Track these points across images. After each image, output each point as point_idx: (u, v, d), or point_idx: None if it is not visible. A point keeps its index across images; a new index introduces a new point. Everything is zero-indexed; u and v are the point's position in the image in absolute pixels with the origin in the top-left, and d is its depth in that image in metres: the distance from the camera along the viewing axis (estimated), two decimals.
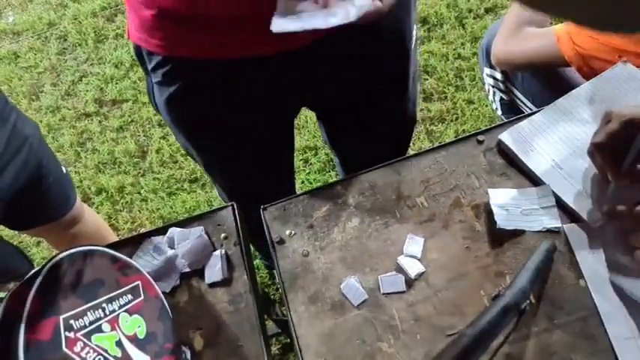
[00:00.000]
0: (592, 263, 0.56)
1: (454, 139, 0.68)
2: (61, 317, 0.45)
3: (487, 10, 1.80)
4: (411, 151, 1.52)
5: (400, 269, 0.59)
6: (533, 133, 0.66)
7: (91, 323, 0.47)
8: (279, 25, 0.45)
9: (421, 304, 0.57)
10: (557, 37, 0.85)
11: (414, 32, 0.75)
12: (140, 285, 0.54)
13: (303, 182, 1.53)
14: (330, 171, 1.54)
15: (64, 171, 0.96)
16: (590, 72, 0.79)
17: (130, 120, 1.76)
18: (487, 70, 1.05)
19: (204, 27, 0.57)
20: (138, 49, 0.66)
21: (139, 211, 1.56)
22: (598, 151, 0.57)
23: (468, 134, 0.68)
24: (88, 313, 0.48)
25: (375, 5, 0.48)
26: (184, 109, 0.69)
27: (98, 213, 1.56)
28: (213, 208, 0.66)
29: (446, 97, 1.62)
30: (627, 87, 0.68)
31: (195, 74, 0.65)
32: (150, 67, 0.66)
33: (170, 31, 0.60)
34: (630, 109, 0.56)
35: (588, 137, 0.61)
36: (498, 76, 1.03)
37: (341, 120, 0.85)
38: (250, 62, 0.61)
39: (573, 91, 0.69)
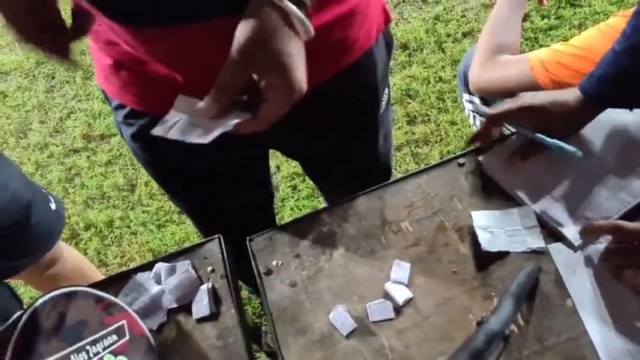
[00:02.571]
0: (578, 282, 0.57)
1: (435, 163, 0.69)
2: None
3: (465, 34, 1.85)
4: (397, 174, 1.54)
5: (388, 296, 0.59)
6: (513, 155, 0.67)
7: None
8: (160, 132, 0.46)
9: (410, 331, 0.57)
10: (530, 65, 0.87)
11: (384, 97, 0.74)
12: (125, 324, 0.53)
13: (292, 209, 1.53)
14: (318, 197, 1.54)
15: (54, 207, 0.95)
16: None
17: (118, 154, 1.76)
18: (466, 96, 1.07)
19: (159, 83, 0.57)
20: (103, 89, 0.68)
21: (128, 245, 1.54)
22: (488, 121, 0.65)
23: (449, 158, 0.69)
24: (72, 357, 0.47)
25: (249, 126, 0.46)
26: (147, 151, 0.69)
27: (87, 249, 1.54)
28: (200, 241, 0.66)
29: (429, 120, 1.65)
30: None
31: (153, 122, 0.64)
32: (112, 106, 0.67)
33: (126, 81, 0.61)
34: (532, 96, 0.62)
35: (567, 157, 0.62)
36: (477, 100, 1.05)
37: (313, 168, 0.85)
38: None
39: None
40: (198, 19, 0.48)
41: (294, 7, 0.43)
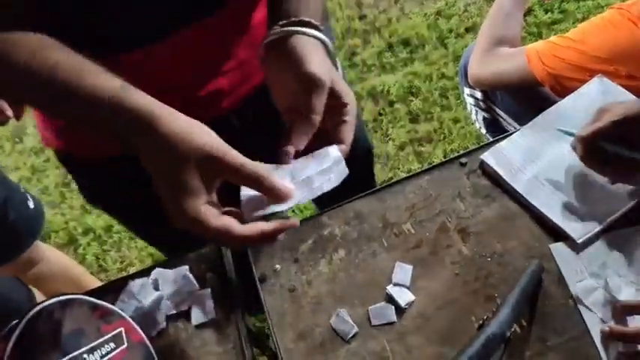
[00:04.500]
0: (580, 283, 0.56)
1: (437, 163, 0.68)
2: None
3: (467, 30, 1.84)
4: (400, 173, 1.52)
5: (390, 299, 0.58)
6: (515, 152, 0.66)
7: None
8: (251, 218, 0.44)
9: (412, 334, 0.56)
10: (527, 57, 0.86)
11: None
12: (123, 332, 0.53)
13: (293, 211, 1.52)
14: None
15: (32, 206, 0.95)
16: (562, 91, 0.80)
17: None
18: (467, 90, 1.06)
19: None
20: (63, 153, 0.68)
21: (127, 250, 1.53)
22: (582, 145, 0.57)
23: (450, 157, 0.68)
24: None
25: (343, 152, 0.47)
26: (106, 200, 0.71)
27: (85, 254, 1.53)
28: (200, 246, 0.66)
29: (432, 118, 1.63)
30: (604, 101, 0.68)
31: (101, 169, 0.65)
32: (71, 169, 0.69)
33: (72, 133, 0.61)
34: (624, 107, 0.56)
35: (569, 152, 0.61)
36: (478, 95, 1.04)
37: None
38: None
39: (551, 107, 0.69)
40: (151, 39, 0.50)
41: (322, 35, 0.47)
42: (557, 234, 0.59)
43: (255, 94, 0.66)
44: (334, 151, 0.46)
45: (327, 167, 0.45)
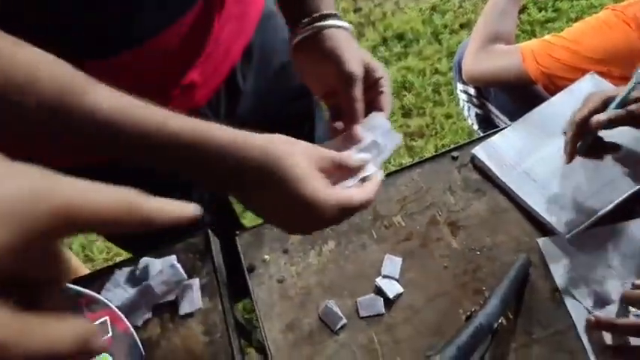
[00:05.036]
0: (566, 276, 0.56)
1: (429, 157, 0.68)
2: None
3: (462, 26, 1.83)
4: (391, 167, 1.52)
5: (379, 291, 0.58)
6: (506, 147, 0.66)
7: None
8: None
9: (401, 325, 0.56)
10: (522, 56, 0.86)
11: None
12: (108, 321, 0.52)
13: None
14: None
15: None
16: (555, 90, 0.80)
17: None
18: (460, 86, 1.06)
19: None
20: None
21: None
22: (575, 126, 0.58)
23: (442, 151, 0.68)
24: None
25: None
26: None
27: (71, 244, 1.51)
28: (187, 234, 0.65)
29: (424, 113, 1.63)
30: None
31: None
32: None
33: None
34: (614, 89, 0.57)
35: (559, 149, 0.61)
36: (472, 91, 1.04)
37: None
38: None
39: (543, 104, 0.70)
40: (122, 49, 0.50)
41: (344, 22, 0.51)
42: (545, 229, 0.60)
43: (226, 89, 0.65)
44: (381, 117, 0.49)
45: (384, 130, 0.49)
